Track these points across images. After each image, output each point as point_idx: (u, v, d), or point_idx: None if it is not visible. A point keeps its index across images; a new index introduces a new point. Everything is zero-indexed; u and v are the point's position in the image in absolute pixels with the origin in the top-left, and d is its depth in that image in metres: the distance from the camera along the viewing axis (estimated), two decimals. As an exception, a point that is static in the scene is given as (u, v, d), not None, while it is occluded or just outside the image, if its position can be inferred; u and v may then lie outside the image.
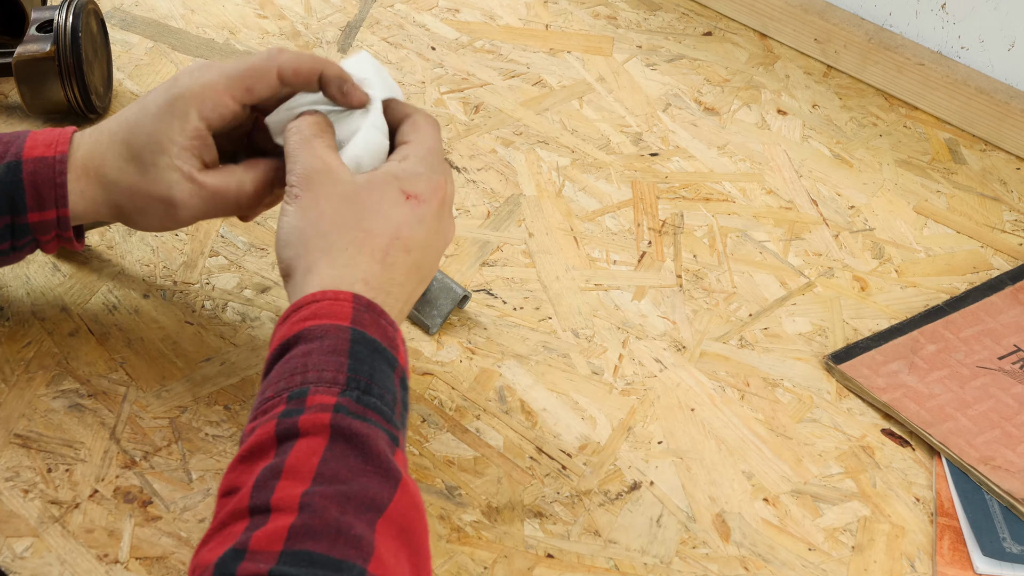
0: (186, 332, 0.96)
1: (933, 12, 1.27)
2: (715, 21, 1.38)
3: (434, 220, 0.82)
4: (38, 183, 0.84)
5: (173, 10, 1.30)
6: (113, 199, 0.86)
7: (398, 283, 0.79)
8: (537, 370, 0.97)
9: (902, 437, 0.95)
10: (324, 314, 0.75)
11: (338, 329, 0.74)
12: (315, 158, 0.82)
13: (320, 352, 0.73)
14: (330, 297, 0.76)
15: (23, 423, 0.88)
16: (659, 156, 1.19)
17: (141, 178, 0.84)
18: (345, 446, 0.69)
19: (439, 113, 1.20)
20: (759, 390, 0.97)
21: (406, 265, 0.80)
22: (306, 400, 0.70)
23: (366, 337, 0.74)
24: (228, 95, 0.85)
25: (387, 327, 0.77)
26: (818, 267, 1.09)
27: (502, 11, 1.36)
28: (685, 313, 1.03)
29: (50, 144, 0.85)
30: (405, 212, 0.80)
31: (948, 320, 1.03)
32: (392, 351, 0.76)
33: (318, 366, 0.72)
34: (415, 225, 0.80)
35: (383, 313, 0.77)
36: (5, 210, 0.84)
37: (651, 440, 0.93)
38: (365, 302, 0.76)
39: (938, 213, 1.16)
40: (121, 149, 0.85)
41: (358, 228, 0.79)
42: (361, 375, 0.73)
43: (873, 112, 1.27)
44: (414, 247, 0.80)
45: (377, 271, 0.78)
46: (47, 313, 0.96)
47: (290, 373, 0.73)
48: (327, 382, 0.72)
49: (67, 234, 0.86)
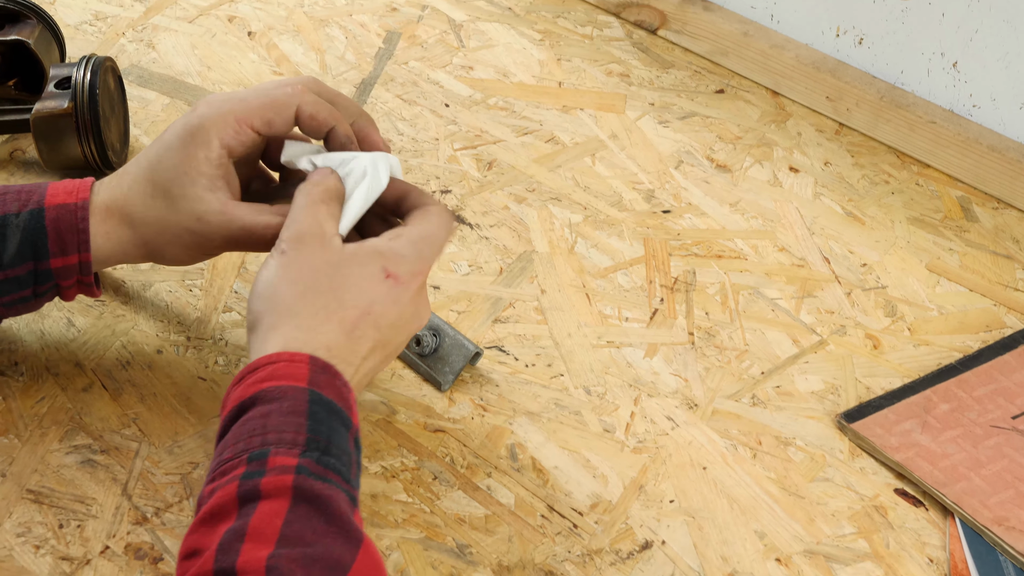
0: (199, 388, 0.96)
1: (945, 71, 1.28)
2: (727, 79, 1.39)
3: (409, 303, 0.83)
4: (60, 229, 0.85)
5: (190, 67, 1.31)
6: (140, 236, 0.87)
7: (361, 355, 0.81)
8: (549, 427, 0.97)
9: (915, 497, 0.95)
10: (281, 375, 0.76)
11: (296, 390, 0.75)
12: (314, 222, 0.82)
13: (279, 413, 0.74)
14: (286, 359, 0.77)
15: (35, 478, 0.88)
16: (671, 213, 1.19)
17: (169, 211, 0.86)
18: (308, 508, 0.69)
19: (452, 170, 1.21)
20: (771, 449, 0.97)
21: (373, 340, 0.81)
22: (267, 461, 0.71)
23: (323, 398, 0.75)
24: (248, 125, 0.87)
25: (341, 387, 0.77)
26: (830, 325, 1.09)
27: (515, 69, 1.37)
28: (697, 371, 1.03)
29: (71, 192, 0.87)
30: (381, 290, 0.81)
31: (961, 379, 1.03)
32: (347, 411, 0.77)
33: (277, 427, 0.73)
34: (389, 304, 0.82)
35: (338, 374, 0.78)
36: (28, 256, 0.85)
37: (663, 499, 0.93)
38: (321, 364, 0.77)
39: (951, 271, 1.16)
40: (145, 187, 0.87)
41: (332, 296, 0.80)
42: (320, 436, 0.73)
43: (885, 170, 1.28)
44: (384, 325, 0.81)
45: (342, 341, 0.79)
46: (61, 368, 0.97)
47: (249, 434, 0.73)
48: (287, 443, 0.72)
49: (88, 279, 0.88)
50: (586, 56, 1.40)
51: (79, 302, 1.02)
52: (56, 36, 1.23)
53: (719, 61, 1.41)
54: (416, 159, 1.22)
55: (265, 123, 0.87)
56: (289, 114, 0.88)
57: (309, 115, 0.88)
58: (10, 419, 0.92)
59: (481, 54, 1.38)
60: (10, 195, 0.86)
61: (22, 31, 1.19)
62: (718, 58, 1.41)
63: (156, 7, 1.39)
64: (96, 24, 1.36)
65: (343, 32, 1.39)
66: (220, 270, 1.06)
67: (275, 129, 0.88)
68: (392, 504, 0.90)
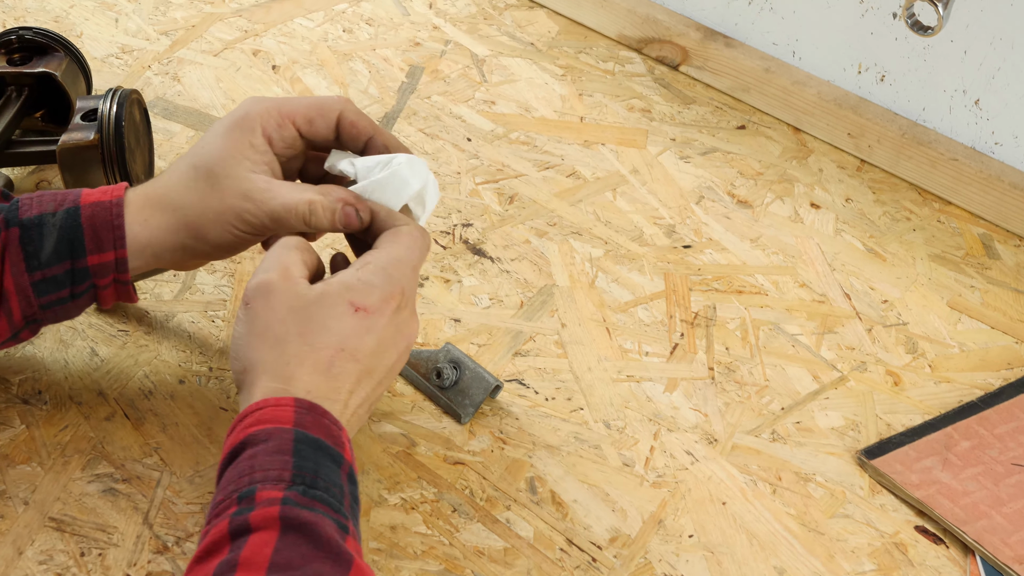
0: (220, 418, 0.97)
1: (967, 108, 1.28)
2: (749, 115, 1.39)
3: (387, 327, 0.83)
4: (96, 226, 0.87)
5: (215, 100, 1.32)
6: (181, 220, 0.88)
7: (347, 391, 0.82)
8: (568, 461, 0.97)
9: (936, 534, 0.95)
10: (267, 419, 0.77)
11: (281, 431, 0.76)
12: (279, 267, 0.84)
13: (265, 453, 0.75)
14: (272, 404, 0.78)
15: (58, 506, 0.89)
16: (692, 248, 1.19)
17: (214, 190, 0.88)
18: (296, 535, 0.70)
19: (473, 203, 1.21)
20: (791, 484, 0.97)
21: (354, 373, 0.82)
22: (255, 497, 0.72)
23: (308, 436, 0.76)
24: (291, 120, 0.90)
25: (330, 426, 0.78)
26: (851, 361, 1.09)
27: (537, 103, 1.37)
28: (717, 406, 1.03)
29: (106, 191, 0.88)
30: (351, 324, 0.82)
31: (982, 416, 1.03)
32: (337, 448, 0.78)
33: (264, 466, 0.74)
34: (362, 335, 0.82)
35: (325, 413, 0.79)
36: (65, 255, 0.86)
37: (682, 533, 0.92)
38: (307, 404, 0.78)
39: (972, 308, 1.16)
40: (188, 172, 0.89)
41: (301, 343, 0.81)
42: (306, 471, 0.75)
43: (906, 206, 1.28)
44: (362, 356, 0.82)
45: (320, 381, 0.80)
46: (84, 397, 0.97)
47: (238, 476, 0.75)
48: (273, 480, 0.74)
49: (124, 277, 0.88)
50: (608, 91, 1.41)
51: (102, 331, 1.02)
52: (83, 68, 1.24)
53: (741, 97, 1.42)
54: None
55: (307, 121, 0.90)
56: (332, 118, 0.91)
57: (351, 122, 0.91)
58: (33, 447, 0.93)
59: (503, 89, 1.39)
60: (47, 197, 0.88)
61: (49, 63, 1.20)
62: (740, 94, 1.42)
63: (182, 40, 1.40)
64: (122, 57, 1.37)
65: (366, 66, 1.40)
66: (242, 301, 1.07)
67: (315, 129, 0.91)
68: (411, 536, 0.90)
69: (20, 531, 0.87)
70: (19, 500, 0.89)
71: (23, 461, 0.92)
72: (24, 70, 1.19)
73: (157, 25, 1.42)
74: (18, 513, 0.88)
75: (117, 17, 1.43)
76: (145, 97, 1.29)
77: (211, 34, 1.42)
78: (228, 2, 1.48)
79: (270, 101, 0.90)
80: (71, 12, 1.43)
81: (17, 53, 1.21)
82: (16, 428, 0.94)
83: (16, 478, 0.90)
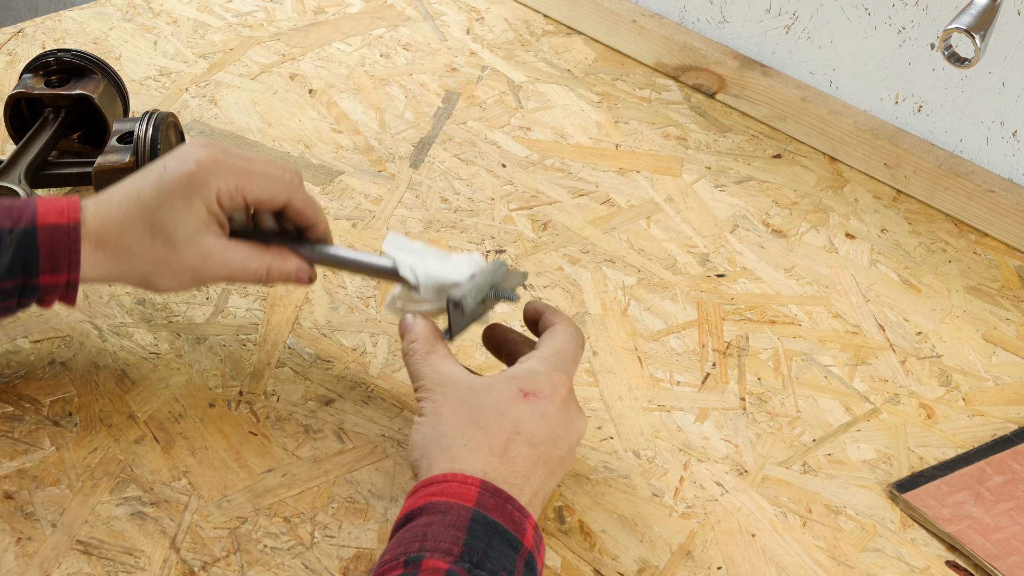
0: (250, 443, 0.97)
1: (1004, 139, 1.27)
2: (785, 144, 1.39)
3: (558, 415, 0.85)
4: (54, 250, 0.89)
5: (251, 123, 1.33)
6: (134, 270, 0.92)
7: (521, 475, 0.82)
8: (597, 490, 0.97)
9: (967, 570, 0.93)
10: (451, 493, 0.79)
11: (460, 508, 0.78)
12: (435, 372, 0.87)
13: (440, 525, 0.77)
14: (460, 480, 0.80)
15: (85, 529, 0.89)
16: (725, 277, 1.19)
17: (172, 252, 0.91)
18: None
19: (507, 229, 1.21)
20: (821, 517, 0.96)
21: (530, 458, 0.83)
22: (421, 564, 0.74)
23: (487, 519, 0.78)
24: (241, 193, 0.92)
25: (513, 512, 0.80)
26: (884, 393, 1.08)
27: (573, 130, 1.37)
28: (748, 436, 1.02)
29: (61, 212, 0.90)
30: (524, 409, 0.84)
31: (1016, 451, 1.02)
32: (517, 535, 0.79)
33: (436, 536, 0.76)
34: (536, 420, 0.84)
35: (510, 499, 0.80)
36: (19, 271, 0.89)
37: (711, 565, 0.92)
38: (492, 488, 0.80)
39: (1007, 341, 1.15)
40: (144, 229, 0.90)
41: (475, 427, 0.83)
42: (476, 551, 0.76)
43: (942, 238, 1.27)
44: (537, 441, 0.84)
45: (497, 463, 0.82)
46: (114, 420, 0.97)
47: (409, 540, 0.76)
48: (442, 552, 0.75)
49: (71, 294, 0.91)
50: (644, 119, 1.40)
51: (134, 354, 1.03)
52: (120, 91, 1.25)
53: (777, 126, 1.41)
54: (471, 219, 1.23)
55: (256, 199, 0.93)
56: (280, 201, 0.93)
57: (297, 210, 0.94)
58: (62, 469, 0.93)
59: (539, 115, 1.39)
60: (2, 209, 0.89)
61: (87, 86, 1.21)
62: (776, 123, 1.41)
63: (219, 63, 1.41)
64: (160, 80, 1.38)
65: (403, 91, 1.40)
66: (274, 325, 1.07)
67: (261, 208, 0.94)
68: (438, 564, 0.90)
69: (47, 553, 0.87)
70: (47, 522, 0.89)
71: (52, 483, 0.92)
72: (61, 92, 1.21)
73: (195, 48, 1.44)
74: (46, 535, 0.88)
75: (156, 40, 1.44)
76: (182, 119, 1.30)
77: (249, 57, 1.43)
78: (266, 26, 1.49)
79: (227, 165, 0.91)
80: (110, 34, 1.45)
81: (55, 75, 1.23)
82: (46, 450, 0.94)
83: (45, 500, 0.91)
